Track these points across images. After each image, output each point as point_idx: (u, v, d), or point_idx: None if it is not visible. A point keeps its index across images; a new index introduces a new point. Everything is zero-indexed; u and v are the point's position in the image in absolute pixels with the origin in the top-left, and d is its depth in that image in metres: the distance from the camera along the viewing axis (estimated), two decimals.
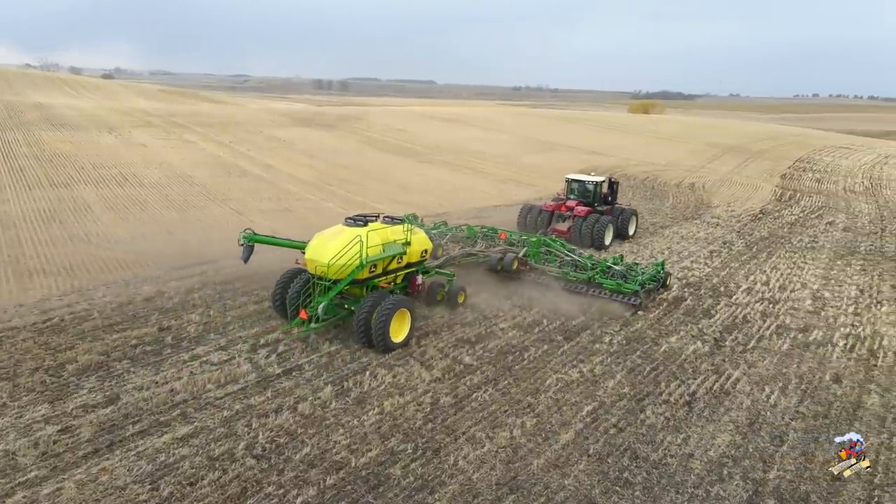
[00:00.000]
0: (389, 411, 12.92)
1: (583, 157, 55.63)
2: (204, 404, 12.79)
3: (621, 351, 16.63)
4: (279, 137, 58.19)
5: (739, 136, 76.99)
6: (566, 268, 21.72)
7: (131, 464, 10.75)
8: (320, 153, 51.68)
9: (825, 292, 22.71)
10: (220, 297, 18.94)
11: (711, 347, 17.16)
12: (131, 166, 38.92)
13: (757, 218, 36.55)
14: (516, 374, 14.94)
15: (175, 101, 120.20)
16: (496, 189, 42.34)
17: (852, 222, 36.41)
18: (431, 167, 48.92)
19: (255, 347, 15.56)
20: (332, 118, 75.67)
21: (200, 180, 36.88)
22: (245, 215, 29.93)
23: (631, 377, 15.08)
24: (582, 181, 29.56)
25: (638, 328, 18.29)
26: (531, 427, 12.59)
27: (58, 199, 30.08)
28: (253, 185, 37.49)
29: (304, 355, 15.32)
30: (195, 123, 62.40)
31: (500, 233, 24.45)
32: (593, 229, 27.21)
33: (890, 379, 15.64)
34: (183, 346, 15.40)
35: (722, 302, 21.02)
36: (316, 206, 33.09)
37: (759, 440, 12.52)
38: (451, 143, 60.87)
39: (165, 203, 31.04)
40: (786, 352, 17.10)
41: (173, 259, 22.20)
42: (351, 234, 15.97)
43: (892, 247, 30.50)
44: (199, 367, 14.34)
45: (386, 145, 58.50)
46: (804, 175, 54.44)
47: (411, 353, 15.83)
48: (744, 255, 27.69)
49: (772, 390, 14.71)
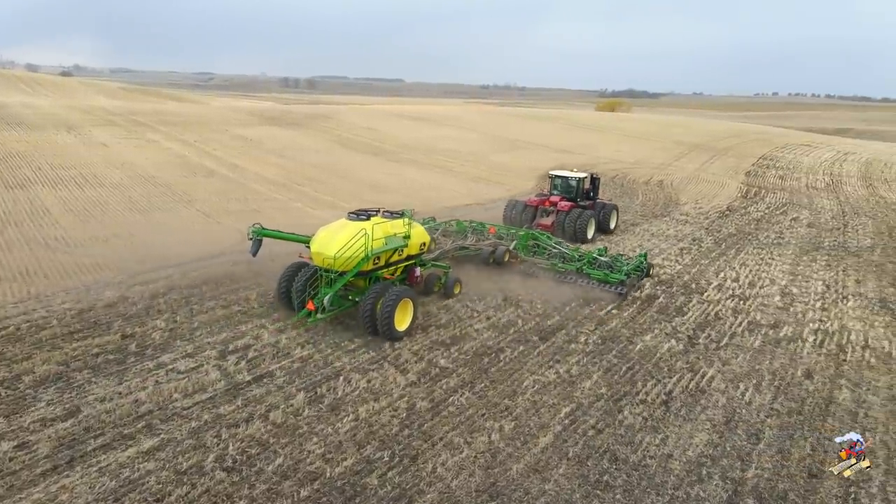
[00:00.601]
0: (364, 418, 12.59)
1: (552, 156, 55.77)
2: (170, 415, 12.29)
3: (597, 350, 16.57)
4: (246, 136, 57.08)
5: (704, 134, 78.22)
6: (554, 259, 22.63)
7: (93, 481, 10.23)
8: (288, 152, 50.81)
9: (793, 288, 23.06)
10: (187, 301, 18.32)
11: (686, 345, 17.23)
12: (91, 167, 37.66)
13: (724, 215, 37.08)
14: (493, 377, 14.75)
15: (137, 99, 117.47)
16: (466, 188, 42.16)
17: (816, 218, 37.20)
18: (401, 166, 48.52)
19: (223, 354, 15.05)
20: (300, 117, 74.58)
21: (164, 181, 35.87)
22: (212, 217, 29.21)
23: (608, 377, 15.02)
24: (565, 177, 30.41)
25: (613, 327, 18.27)
26: (510, 431, 12.40)
27: (13, 202, 28.90)
28: (220, 185, 36.62)
29: (275, 361, 14.88)
30: (158, 122, 60.83)
31: (488, 227, 25.21)
32: (576, 223, 28.08)
33: (859, 374, 15.88)
34: (147, 354, 14.81)
35: (694, 299, 21.17)
36: (285, 207, 32.47)
37: (736, 438, 12.54)
38: (420, 141, 60.51)
39: (128, 204, 30.08)
40: (758, 348, 17.26)
41: (137, 263, 21.44)
42: (356, 228, 16.62)
43: (855, 242, 31.21)
44: (165, 375, 13.80)
45: (355, 144, 57.85)
46: (768, 172, 55.52)
47: (385, 356, 15.51)
48: (713, 251, 28.00)
49: (746, 387, 14.79)
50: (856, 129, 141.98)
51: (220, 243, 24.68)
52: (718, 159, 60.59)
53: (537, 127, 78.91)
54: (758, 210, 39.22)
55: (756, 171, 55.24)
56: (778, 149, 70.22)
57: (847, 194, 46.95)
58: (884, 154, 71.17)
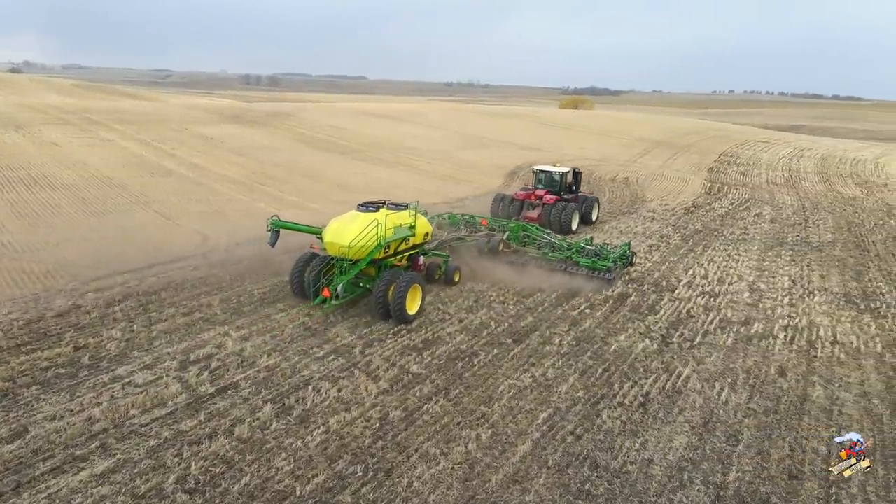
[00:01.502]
0: (336, 430, 12.04)
1: (519, 153, 55.70)
2: (127, 433, 11.53)
3: (572, 352, 16.30)
4: (206, 135, 55.49)
5: (666, 131, 79.29)
6: (545, 249, 23.97)
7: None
8: (251, 151, 49.55)
9: (761, 284, 23.24)
10: (145, 309, 17.43)
11: (660, 345, 17.10)
12: (42, 167, 35.99)
13: (690, 211, 37.42)
14: (467, 382, 14.33)
15: (91, 96, 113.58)
16: (434, 186, 41.66)
17: (778, 214, 37.83)
18: (367, 165, 47.78)
19: (184, 365, 14.30)
20: (262, 115, 73.02)
21: (120, 181, 34.47)
22: (172, 219, 28.12)
23: (584, 379, 14.75)
24: (549, 171, 31.86)
25: (587, 327, 18.05)
26: (487, 439, 12.00)
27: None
28: (179, 185, 35.39)
29: (240, 371, 14.19)
30: (114, 120, 58.71)
31: (480, 220, 26.36)
32: (562, 215, 29.41)
33: (830, 370, 15.96)
34: (102, 367, 13.96)
35: (665, 297, 21.12)
36: (248, 207, 31.49)
37: (715, 440, 12.38)
38: (386, 139, 59.79)
39: (81, 207, 28.75)
40: (731, 346, 17.24)
41: (90, 269, 20.38)
42: (368, 218, 17.73)
43: (816, 238, 31.76)
44: (121, 390, 13.00)
45: (320, 142, 56.81)
46: (729, 168, 56.45)
47: (356, 362, 14.97)
48: (681, 248, 28.13)
49: (722, 387, 14.70)
50: (808, 126, 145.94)
51: (180, 246, 23.75)
52: (681, 156, 61.39)
53: (503, 124, 78.88)
54: (722, 206, 39.72)
55: (718, 168, 56.10)
56: (738, 145, 71.58)
57: (806, 190, 47.99)
58: (837, 150, 73.20)
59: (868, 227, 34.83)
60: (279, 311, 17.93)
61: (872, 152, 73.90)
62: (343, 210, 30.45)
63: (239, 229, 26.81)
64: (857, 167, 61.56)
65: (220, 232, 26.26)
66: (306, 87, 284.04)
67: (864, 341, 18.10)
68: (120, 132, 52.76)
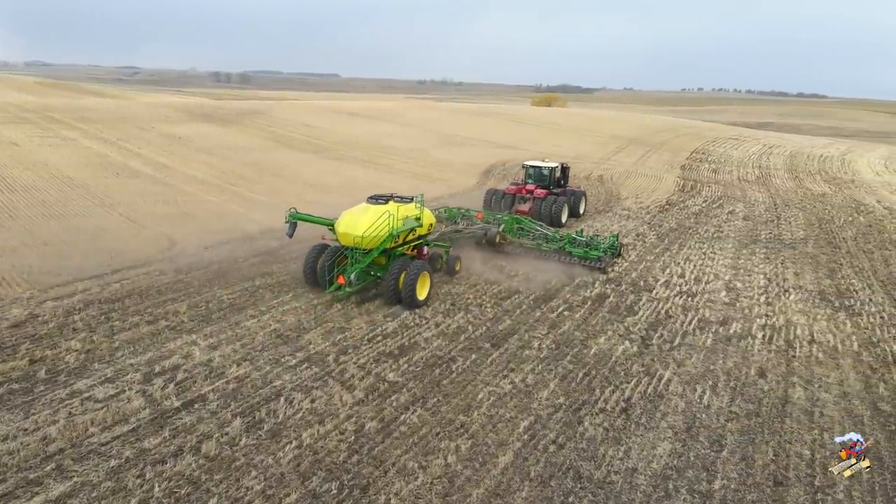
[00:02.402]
0: (309, 444, 11.52)
1: (494, 152, 55.46)
2: (86, 453, 10.86)
3: (551, 356, 15.98)
4: (175, 134, 54.22)
5: (639, 129, 79.86)
6: (539, 240, 25.11)
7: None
8: (221, 151, 48.48)
9: (737, 282, 23.24)
10: (107, 318, 16.65)
11: (639, 347, 16.88)
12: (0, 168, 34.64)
13: (664, 209, 37.49)
14: (445, 390, 13.91)
15: (54, 94, 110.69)
16: (408, 185, 41.00)
17: (751, 211, 38.12)
18: (341, 164, 47.06)
19: (148, 377, 13.62)
20: (232, 113, 71.71)
21: (83, 182, 33.31)
22: (137, 221, 27.16)
23: (564, 385, 14.43)
24: (538, 167, 33.06)
25: (566, 330, 17.76)
26: (466, 451, 11.60)
27: None
28: (145, 186, 34.34)
29: (208, 382, 13.57)
30: (77, 119, 57.04)
31: (476, 213, 27.59)
32: (552, 209, 30.66)
33: (809, 370, 15.90)
34: (60, 381, 13.22)
35: (643, 297, 20.96)
36: (218, 209, 30.64)
37: (698, 446, 12.15)
38: (359, 138, 59.06)
39: (41, 209, 27.63)
40: (710, 347, 17.09)
41: (50, 275, 19.50)
42: (380, 210, 18.73)
43: (789, 235, 32.02)
44: (80, 405, 12.30)
45: (291, 141, 55.89)
46: (701, 166, 56.92)
47: (329, 371, 14.44)
48: (657, 247, 28.07)
49: (703, 390, 14.51)
50: (776, 123, 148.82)
51: (145, 250, 22.94)
52: (654, 153, 61.75)
53: (477, 122, 78.61)
54: (695, 204, 39.91)
55: (690, 165, 56.53)
56: (709, 143, 72.34)
57: (777, 187, 48.56)
58: (805, 147, 74.44)
59: (838, 224, 35.26)
60: (249, 318, 17.29)
61: (838, 149, 75.32)
62: (316, 211, 29.98)
63: (208, 232, 26.05)
64: (824, 164, 62.60)
65: (188, 235, 25.45)
66: (278, 85, 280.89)
67: (841, 339, 18.12)
68: (83, 131, 51.23)
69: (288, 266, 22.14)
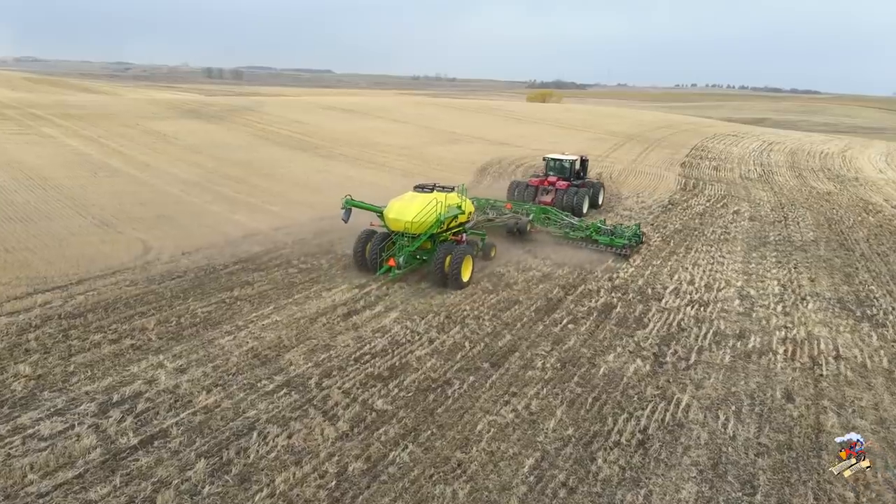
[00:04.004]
0: (283, 491, 10.00)
1: (490, 149, 53.94)
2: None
3: (557, 377, 14.50)
4: (160, 131, 52.57)
5: (636, 125, 78.51)
6: (566, 229, 26.43)
7: None
8: (208, 148, 46.80)
9: (750, 290, 21.82)
10: (66, 336, 15.06)
11: (652, 365, 15.41)
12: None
13: (667, 209, 36.06)
14: (440, 420, 12.41)
15: (40, 90, 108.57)
16: (401, 185, 39.13)
17: (756, 211, 36.73)
18: (331, 161, 45.42)
19: (105, 407, 12.07)
20: (220, 109, 69.90)
21: (58, 183, 31.61)
22: (111, 225, 25.50)
23: (573, 412, 12.95)
24: (559, 160, 34.46)
25: (571, 346, 16.27)
26: (465, 497, 10.10)
27: None
28: (124, 186, 32.65)
29: (172, 413, 12.02)
30: (59, 115, 55.29)
31: (505, 204, 28.87)
32: (574, 199, 31.81)
33: (840, 392, 14.47)
34: (2, 415, 11.63)
35: (653, 307, 19.50)
36: (199, 210, 28.98)
37: (728, 489, 10.69)
38: (351, 135, 57.43)
39: (7, 212, 25.91)
40: (729, 365, 15.64)
41: (8, 286, 17.89)
42: (428, 198, 20.43)
43: (799, 236, 30.64)
44: (21, 445, 10.73)
45: (282, 138, 54.21)
46: (702, 163, 55.53)
47: (311, 398, 12.92)
48: (663, 250, 26.62)
49: (726, 417, 13.06)
50: (772, 119, 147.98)
51: (117, 257, 21.34)
52: (653, 150, 60.35)
53: (472, 118, 77.08)
54: (699, 203, 38.48)
55: (691, 162, 55.12)
56: (708, 139, 71.05)
57: (780, 185, 47.21)
58: (804, 143, 73.29)
59: (848, 225, 33.92)
60: (225, 335, 15.74)
61: (837, 145, 74.25)
62: (303, 211, 28.35)
63: (187, 236, 24.45)
64: (826, 161, 61.40)
65: (165, 239, 23.84)
66: (271, 81, 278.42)
67: (869, 355, 16.70)
68: (64, 128, 49.49)
69: (270, 274, 20.59)
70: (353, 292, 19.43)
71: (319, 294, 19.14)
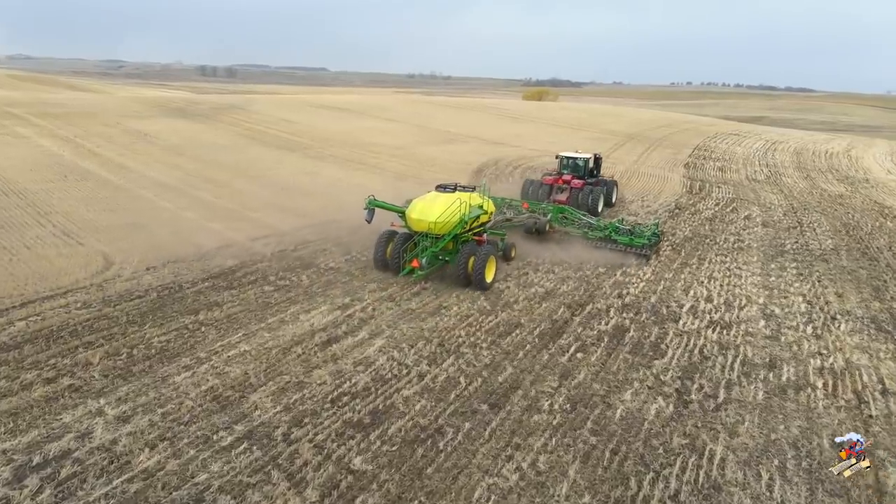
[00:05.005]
0: None
1: (485, 149, 51.85)
2: None
3: (567, 423, 12.42)
4: (141, 131, 50.18)
5: (635, 124, 76.57)
6: (584, 229, 25.91)
7: None
8: (191, 149, 44.52)
9: (774, 307, 19.80)
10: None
11: (676, 405, 13.35)
12: None
13: (674, 214, 34.04)
14: (430, 484, 10.32)
15: (24, 87, 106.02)
16: (393, 187, 37.17)
17: (768, 216, 34.72)
18: (319, 163, 43.22)
19: (21, 473, 9.94)
20: (207, 108, 67.51)
21: (21, 188, 29.36)
22: (73, 235, 23.29)
23: (588, 471, 10.88)
24: (573, 158, 33.97)
25: (581, 381, 14.20)
26: None
27: None
28: (94, 191, 30.42)
29: (103, 481, 9.88)
30: (36, 114, 52.86)
31: (522, 203, 28.20)
32: (589, 198, 31.27)
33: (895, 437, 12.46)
34: None
35: (670, 330, 17.45)
36: (173, 217, 26.75)
37: None
38: (341, 134, 55.23)
39: None
40: (763, 404, 13.60)
41: None
42: (451, 198, 20.01)
43: (817, 244, 28.65)
44: None
45: (270, 138, 51.95)
46: (706, 164, 53.58)
47: (275, 456, 10.80)
48: (674, 261, 24.57)
49: (770, 475, 11.00)
50: (769, 118, 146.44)
51: (72, 274, 19.19)
52: (655, 150, 58.39)
53: (466, 117, 74.97)
54: (707, 207, 36.47)
55: (694, 163, 53.17)
56: (709, 138, 69.20)
57: (789, 187, 45.25)
58: (808, 143, 71.56)
59: (867, 231, 31.95)
60: (182, 370, 13.61)
61: (840, 144, 72.59)
62: (286, 219, 26.23)
63: (155, 247, 22.29)
64: (832, 161, 59.62)
65: (130, 251, 21.68)
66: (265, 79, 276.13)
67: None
68: (40, 127, 47.13)
69: (242, 293, 18.47)
70: (335, 315, 17.32)
71: (297, 317, 17.02)
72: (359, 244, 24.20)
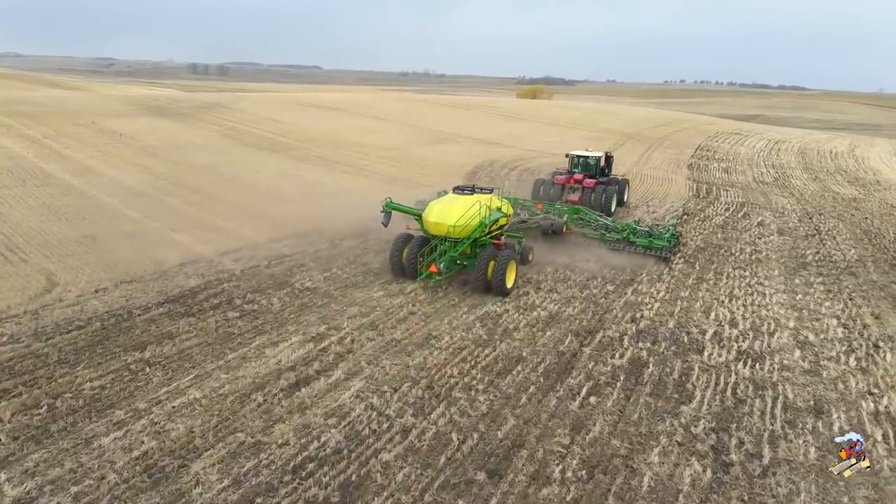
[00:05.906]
0: None
1: (479, 149, 49.48)
2: None
3: (584, 496, 10.04)
4: (116, 130, 47.49)
5: (633, 122, 74.44)
6: (600, 230, 24.97)
7: None
8: (166, 150, 41.98)
9: (807, 333, 17.49)
10: None
11: (714, 469, 10.99)
12: None
13: (683, 221, 31.73)
14: None
15: (7, 86, 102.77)
16: (381, 192, 34.56)
17: (783, 222, 32.45)
18: (303, 165, 40.73)
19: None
20: (190, 107, 64.87)
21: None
22: (16, 252, 20.73)
23: None
24: (585, 157, 33.00)
25: (597, 435, 11.82)
26: None
27: None
28: (53, 198, 27.82)
29: None
30: (6, 113, 50.17)
31: (536, 204, 27.43)
32: (602, 198, 30.44)
33: None
34: None
35: (694, 364, 15.09)
36: (136, 229, 24.22)
37: None
38: (329, 134, 52.74)
39: None
40: (818, 465, 11.26)
41: None
42: (470, 200, 19.29)
43: (840, 255, 26.38)
44: None
45: (253, 138, 49.42)
46: (710, 164, 51.40)
47: None
48: (689, 276, 22.24)
49: None
50: (764, 116, 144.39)
51: (6, 299, 16.63)
52: (656, 150, 56.21)
53: (460, 116, 72.62)
54: (716, 213, 34.19)
55: (698, 164, 50.98)
56: (711, 138, 67.17)
57: (800, 190, 43.05)
58: (810, 142, 69.61)
59: (890, 239, 29.73)
60: (113, 428, 11.15)
61: (843, 143, 70.63)
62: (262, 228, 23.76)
63: (110, 265, 19.85)
64: (838, 161, 57.56)
65: (79, 270, 19.21)
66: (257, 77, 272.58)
67: None
68: (6, 127, 44.46)
69: (202, 320, 16.00)
70: (307, 348, 14.89)
71: (261, 352, 14.59)
72: (340, 259, 21.85)
